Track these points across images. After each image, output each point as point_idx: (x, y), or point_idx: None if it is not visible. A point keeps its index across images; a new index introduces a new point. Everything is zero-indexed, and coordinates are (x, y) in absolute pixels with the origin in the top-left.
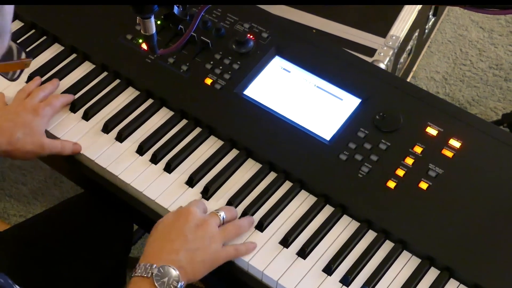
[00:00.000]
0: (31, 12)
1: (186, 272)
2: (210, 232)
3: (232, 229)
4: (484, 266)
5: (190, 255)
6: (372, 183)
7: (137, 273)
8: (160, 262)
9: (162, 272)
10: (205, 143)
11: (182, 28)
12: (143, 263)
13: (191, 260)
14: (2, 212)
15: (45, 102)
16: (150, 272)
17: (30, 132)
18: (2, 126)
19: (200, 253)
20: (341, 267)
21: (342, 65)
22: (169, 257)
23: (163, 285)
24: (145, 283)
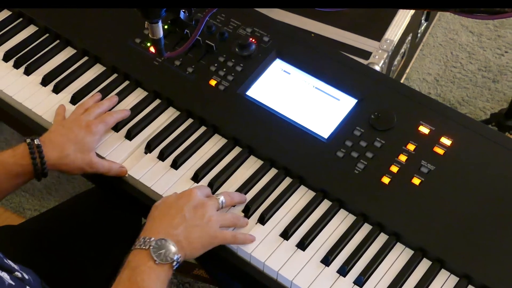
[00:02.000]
0: (45, 17)
1: (183, 247)
2: (208, 213)
3: (230, 217)
4: (473, 257)
5: (188, 231)
6: (368, 179)
7: (137, 246)
8: (158, 235)
9: (160, 245)
10: (209, 141)
11: (188, 33)
12: (142, 236)
13: (188, 236)
14: (18, 207)
15: (99, 119)
16: (148, 245)
17: (81, 149)
18: (55, 141)
19: (197, 231)
20: (338, 258)
21: (339, 67)
22: (167, 231)
23: (160, 257)
24: (143, 254)
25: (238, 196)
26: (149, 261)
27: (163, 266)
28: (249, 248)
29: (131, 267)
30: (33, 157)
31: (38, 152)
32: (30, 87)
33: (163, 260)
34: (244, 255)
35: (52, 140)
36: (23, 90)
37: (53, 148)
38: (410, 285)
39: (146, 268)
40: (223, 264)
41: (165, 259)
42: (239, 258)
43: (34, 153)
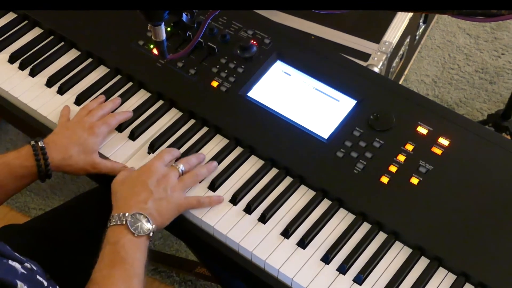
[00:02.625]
0: (50, 20)
1: (155, 218)
2: (170, 183)
3: (189, 177)
4: (470, 256)
5: (156, 204)
6: (367, 178)
7: (112, 222)
8: (131, 210)
9: (135, 219)
10: (211, 141)
11: (190, 35)
12: (116, 213)
13: (157, 209)
14: (23, 206)
15: (102, 121)
16: (124, 220)
17: (84, 150)
18: (58, 143)
19: (164, 202)
20: (338, 257)
21: (339, 69)
22: (138, 206)
23: (137, 230)
24: (121, 229)
25: (195, 158)
26: (128, 234)
27: (141, 237)
28: (250, 247)
29: (112, 242)
30: (37, 158)
31: (42, 154)
32: (35, 89)
33: (140, 232)
34: (245, 253)
35: (55, 142)
36: (28, 92)
37: (56, 150)
38: (409, 283)
39: (126, 241)
40: (225, 262)
41: (142, 231)
42: (240, 256)
43: (38, 155)
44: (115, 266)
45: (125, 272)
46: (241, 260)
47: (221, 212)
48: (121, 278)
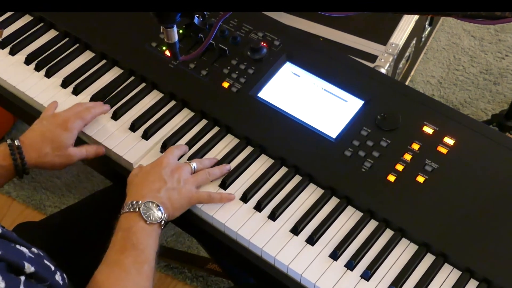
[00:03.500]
0: (65, 22)
1: (167, 207)
2: (183, 176)
3: (203, 174)
4: (475, 252)
5: (168, 194)
6: (374, 177)
7: (125, 210)
8: (144, 199)
9: (148, 207)
10: (222, 140)
11: (202, 37)
12: (129, 201)
13: (169, 198)
14: (39, 203)
15: (76, 115)
16: (137, 207)
17: (58, 147)
18: (33, 141)
19: (176, 193)
20: (346, 253)
21: (347, 70)
22: (151, 195)
23: (149, 218)
24: (133, 216)
25: (208, 161)
26: (140, 221)
27: (153, 225)
28: (261, 243)
29: (124, 228)
30: (14, 158)
31: (18, 153)
32: (51, 89)
33: (153, 219)
34: (255, 250)
35: (30, 140)
36: (44, 92)
37: (31, 149)
38: (415, 278)
39: (138, 228)
40: (236, 259)
41: (154, 219)
42: (251, 252)
43: (15, 154)
44: (126, 252)
45: (136, 258)
46: (251, 256)
47: (232, 209)
48: (132, 263)
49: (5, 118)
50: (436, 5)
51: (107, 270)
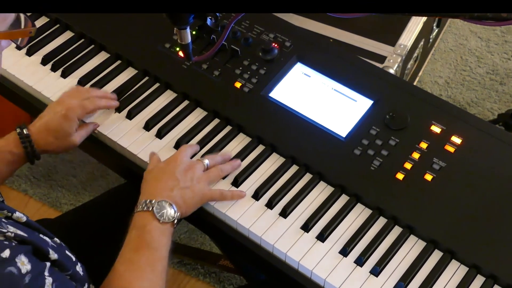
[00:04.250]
0: (81, 24)
1: (180, 206)
2: (196, 174)
3: (215, 171)
4: (482, 249)
5: (181, 192)
6: (383, 175)
7: (139, 208)
8: (158, 198)
9: (161, 206)
10: (234, 139)
11: (214, 38)
12: (143, 200)
13: (182, 197)
14: (55, 201)
15: (79, 105)
16: (151, 206)
17: (62, 136)
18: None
19: (189, 191)
20: (355, 250)
21: (356, 70)
22: (165, 194)
23: (162, 217)
24: (147, 215)
25: (220, 157)
26: (154, 220)
27: (166, 224)
28: (272, 240)
29: (138, 227)
30: (24, 146)
31: (28, 141)
32: (67, 89)
33: (166, 219)
34: (267, 246)
35: (37, 131)
36: (60, 92)
37: (38, 139)
38: (423, 274)
39: (152, 226)
40: (247, 255)
41: (167, 218)
42: (262, 249)
43: (25, 142)
44: (141, 250)
45: (151, 256)
46: (262, 253)
47: (244, 207)
48: (147, 261)
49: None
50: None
51: (122, 268)
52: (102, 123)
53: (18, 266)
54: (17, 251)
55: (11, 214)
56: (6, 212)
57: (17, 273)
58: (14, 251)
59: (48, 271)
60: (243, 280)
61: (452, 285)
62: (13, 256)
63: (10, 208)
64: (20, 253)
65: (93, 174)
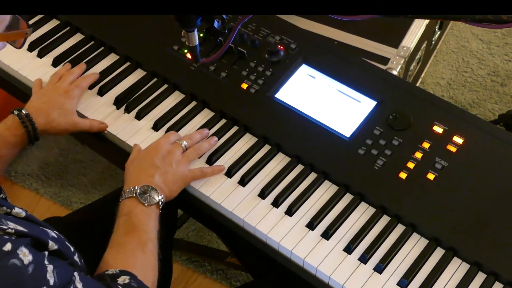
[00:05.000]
0: (91, 26)
1: (163, 189)
2: (175, 158)
3: (192, 151)
4: (483, 246)
5: (163, 177)
6: (386, 174)
7: (124, 197)
8: (140, 184)
9: (144, 191)
10: (241, 139)
11: (221, 40)
12: (127, 188)
13: (164, 181)
14: (66, 200)
15: (74, 84)
16: (134, 192)
17: (64, 113)
18: (40, 108)
19: (170, 175)
20: (359, 247)
21: (360, 72)
22: (147, 180)
23: (146, 200)
24: (132, 201)
25: (198, 135)
26: (139, 205)
27: (151, 206)
28: (278, 238)
29: (125, 213)
30: (25, 125)
31: (28, 120)
32: None
33: (150, 202)
34: (273, 244)
35: (37, 108)
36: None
37: (39, 115)
38: (425, 271)
39: (138, 211)
40: (254, 252)
41: (151, 201)
42: (268, 246)
43: (25, 122)
44: (130, 233)
45: (140, 238)
46: (269, 250)
47: (250, 205)
48: (137, 243)
49: None
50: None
51: (114, 251)
52: (112, 124)
53: (21, 258)
54: (17, 244)
55: (10, 210)
56: (6, 209)
57: (20, 265)
58: (15, 244)
59: (47, 259)
60: (250, 277)
61: (454, 282)
62: (14, 249)
63: (9, 204)
64: (20, 245)
65: (102, 174)
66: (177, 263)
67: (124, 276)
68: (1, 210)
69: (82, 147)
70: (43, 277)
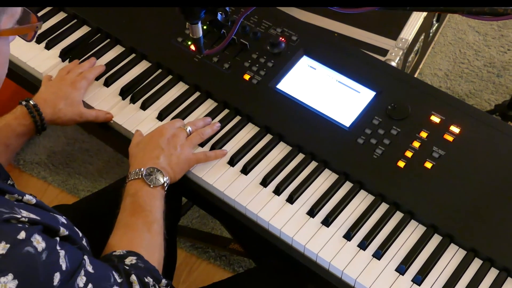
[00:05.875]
0: (97, 19)
1: (167, 171)
2: (179, 141)
3: (196, 135)
4: (479, 233)
5: (167, 159)
6: (385, 163)
7: (130, 178)
8: (146, 166)
9: (149, 172)
10: (243, 129)
11: (224, 32)
12: (133, 170)
13: (169, 163)
14: (73, 188)
15: (81, 76)
16: (140, 174)
17: (71, 103)
18: (47, 99)
19: (174, 158)
20: (358, 234)
21: (360, 63)
22: (152, 162)
23: (152, 181)
24: (138, 182)
25: (201, 122)
26: (145, 186)
27: (156, 188)
28: (279, 225)
29: (131, 194)
30: (32, 115)
31: (35, 111)
32: None
33: (156, 183)
34: (274, 231)
35: (44, 99)
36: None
37: (47, 106)
38: (423, 258)
39: (144, 192)
40: (256, 239)
41: (157, 182)
42: (270, 233)
43: (33, 112)
44: (136, 214)
45: (146, 218)
46: (270, 237)
47: (252, 193)
48: (143, 223)
49: None
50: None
51: (121, 232)
52: (118, 114)
53: (34, 245)
54: (31, 231)
55: (21, 197)
56: (17, 196)
57: (34, 252)
58: (29, 232)
59: (59, 245)
60: (252, 263)
61: (451, 267)
62: (28, 236)
63: (20, 191)
64: (34, 232)
65: (109, 162)
66: (182, 249)
67: (131, 257)
68: (12, 197)
69: (88, 136)
70: (56, 263)
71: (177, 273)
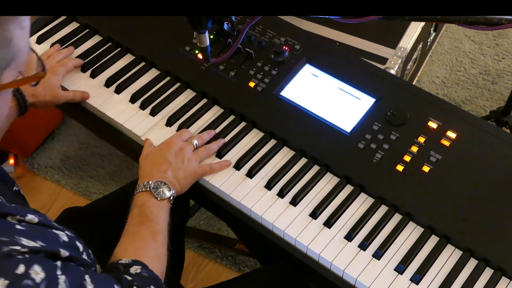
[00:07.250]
0: (108, 28)
1: (174, 185)
2: (186, 155)
3: (203, 150)
4: (475, 234)
5: (174, 173)
6: (384, 167)
7: (138, 190)
8: (153, 179)
9: (157, 186)
10: (249, 134)
11: (230, 42)
12: (141, 182)
13: (175, 176)
14: (85, 191)
15: (60, 63)
16: (148, 187)
17: (49, 87)
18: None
19: (181, 172)
20: (359, 235)
21: (360, 71)
22: (160, 175)
23: (159, 194)
24: (146, 194)
25: (207, 135)
26: (152, 198)
27: (163, 201)
28: (283, 226)
29: (139, 205)
30: (17, 98)
31: (19, 94)
32: (96, 89)
33: (162, 196)
34: (278, 232)
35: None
36: (89, 91)
37: (26, 89)
38: (421, 258)
39: (151, 203)
40: (261, 240)
41: (163, 195)
42: (274, 234)
43: (16, 95)
44: (143, 224)
45: (152, 229)
46: (274, 238)
47: (257, 196)
48: (149, 233)
49: (55, 114)
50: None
51: (127, 240)
52: (128, 119)
53: (33, 277)
54: (30, 263)
55: (23, 217)
56: (19, 217)
57: (32, 284)
58: (28, 264)
59: (60, 270)
60: (257, 263)
61: (448, 267)
62: (27, 269)
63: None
64: (33, 264)
65: (120, 166)
66: (189, 250)
67: (136, 266)
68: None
69: (100, 141)
70: None
71: (185, 272)
